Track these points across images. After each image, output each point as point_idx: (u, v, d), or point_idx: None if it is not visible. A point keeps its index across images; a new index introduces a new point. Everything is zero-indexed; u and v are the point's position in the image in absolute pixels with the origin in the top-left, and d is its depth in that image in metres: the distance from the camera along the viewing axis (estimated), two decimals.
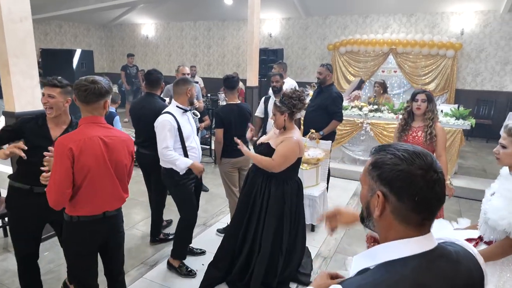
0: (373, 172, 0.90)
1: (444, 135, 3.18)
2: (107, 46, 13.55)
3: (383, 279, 0.83)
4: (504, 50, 8.18)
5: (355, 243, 3.79)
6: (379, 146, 0.94)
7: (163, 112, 2.89)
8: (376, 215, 0.90)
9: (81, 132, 1.92)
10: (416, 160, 0.85)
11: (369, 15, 9.28)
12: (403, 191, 0.85)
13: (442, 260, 0.87)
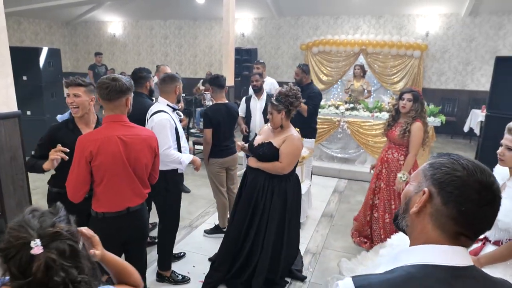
0: (427, 171, 0.87)
1: (418, 134, 3.26)
2: (70, 45, 12.96)
3: (400, 280, 0.80)
4: (466, 51, 8.66)
5: (340, 239, 3.87)
6: (444, 153, 0.90)
7: (155, 111, 2.76)
8: (413, 211, 0.86)
9: (101, 132, 2.01)
10: (478, 174, 0.81)
11: (340, 16, 9.51)
12: (452, 196, 0.81)
13: (472, 281, 0.80)
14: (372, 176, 3.69)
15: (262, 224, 2.79)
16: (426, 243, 0.84)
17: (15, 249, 0.86)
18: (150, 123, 2.75)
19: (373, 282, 0.82)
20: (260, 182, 2.77)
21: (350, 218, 4.15)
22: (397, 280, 0.80)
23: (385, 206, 3.51)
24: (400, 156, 3.43)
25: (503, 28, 8.34)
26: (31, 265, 0.85)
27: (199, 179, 5.47)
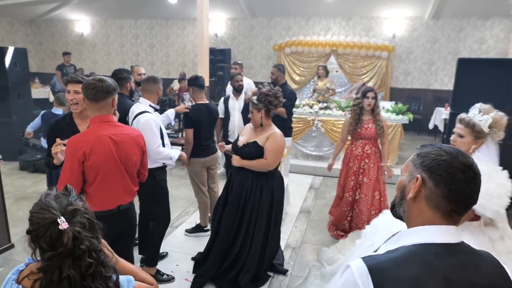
0: (416, 160, 0.99)
1: (387, 126, 3.77)
2: (34, 44, 12.44)
3: (404, 257, 0.91)
4: (430, 52, 9.12)
5: (318, 233, 4.00)
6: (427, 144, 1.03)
7: (139, 111, 2.77)
8: (410, 197, 0.97)
9: (91, 132, 2.02)
10: (460, 157, 0.94)
11: (311, 17, 9.72)
12: (442, 178, 0.93)
13: (463, 255, 0.93)
14: (349, 174, 3.84)
15: (251, 223, 2.85)
16: (423, 224, 0.96)
17: (44, 228, 1.02)
18: (136, 123, 2.76)
19: (381, 260, 0.93)
20: (248, 182, 2.82)
21: (327, 213, 4.30)
22: (402, 257, 0.92)
23: (367, 200, 3.70)
24: (376, 149, 3.77)
25: (463, 31, 8.86)
26: (60, 238, 1.02)
27: (177, 179, 5.46)
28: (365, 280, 0.89)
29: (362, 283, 0.89)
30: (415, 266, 0.89)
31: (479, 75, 4.37)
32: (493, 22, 8.62)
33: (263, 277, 3.02)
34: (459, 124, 2.18)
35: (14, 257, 3.37)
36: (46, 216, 1.04)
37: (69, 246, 1.02)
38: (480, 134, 2.10)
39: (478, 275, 0.92)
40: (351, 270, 0.93)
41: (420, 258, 0.91)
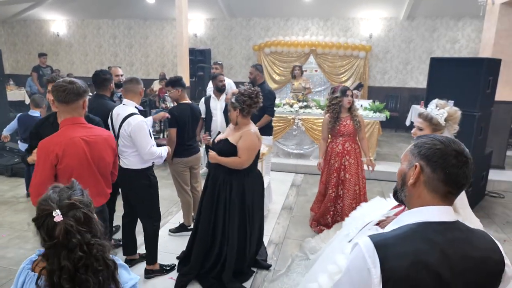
0: (414, 150, 1.12)
1: (364, 122, 3.95)
2: (8, 45, 12.09)
3: (406, 234, 1.04)
4: (405, 52, 9.40)
5: (300, 229, 4.10)
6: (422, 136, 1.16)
7: (128, 114, 2.78)
8: (410, 183, 1.10)
9: (63, 134, 1.99)
10: (452, 145, 1.07)
11: (289, 18, 9.85)
12: (438, 164, 1.05)
13: (458, 231, 1.06)
14: (331, 171, 3.94)
15: (225, 220, 2.91)
16: (422, 205, 1.08)
17: (42, 219, 1.12)
18: (126, 126, 2.76)
19: (386, 237, 1.04)
20: (220, 178, 2.90)
21: (308, 209, 4.40)
22: (404, 234, 1.04)
23: (349, 195, 3.86)
24: (356, 145, 3.93)
25: (436, 31, 9.17)
26: (54, 230, 1.10)
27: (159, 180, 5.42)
28: (371, 255, 1.00)
29: (369, 257, 1.00)
30: (416, 242, 1.01)
31: (451, 74, 4.56)
32: (465, 22, 8.97)
33: (246, 272, 3.09)
34: (419, 118, 2.38)
35: None
36: (46, 208, 1.13)
37: (61, 238, 1.08)
38: (437, 127, 2.29)
39: (472, 248, 1.04)
40: (359, 247, 1.03)
41: (420, 234, 1.03)
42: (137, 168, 2.89)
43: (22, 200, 4.75)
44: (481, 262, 1.04)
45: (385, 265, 0.98)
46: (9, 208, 4.50)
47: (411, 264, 0.98)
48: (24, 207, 4.51)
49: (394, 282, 0.98)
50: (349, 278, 1.07)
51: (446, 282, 0.98)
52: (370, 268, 0.99)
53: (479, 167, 4.71)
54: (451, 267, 0.99)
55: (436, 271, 0.98)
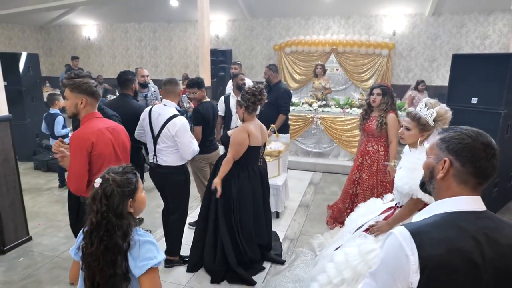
0: (442, 145, 1.15)
1: (395, 124, 3.59)
2: (44, 49, 12.81)
3: (439, 222, 1.08)
4: (431, 49, 9.20)
5: (316, 226, 4.16)
6: (446, 128, 1.20)
7: (173, 115, 2.98)
8: (440, 177, 1.14)
9: (91, 126, 2.24)
10: (480, 138, 1.10)
11: (310, 17, 9.87)
12: (467, 159, 1.09)
13: (488, 220, 1.10)
14: (352, 168, 3.98)
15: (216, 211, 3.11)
16: (451, 196, 1.13)
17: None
18: (171, 126, 2.93)
19: (420, 225, 1.09)
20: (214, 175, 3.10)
21: (325, 207, 4.46)
22: (437, 223, 1.09)
23: (365, 196, 3.77)
24: (380, 147, 3.73)
25: (464, 27, 8.91)
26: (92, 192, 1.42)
27: None
28: (408, 242, 1.03)
29: (406, 245, 1.03)
30: (449, 230, 1.06)
31: (474, 70, 4.44)
32: (496, 17, 8.66)
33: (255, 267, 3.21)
34: (406, 118, 2.32)
35: (32, 249, 3.61)
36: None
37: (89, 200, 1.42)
38: (425, 127, 2.22)
39: (502, 236, 1.08)
40: (395, 236, 1.07)
41: (453, 223, 1.07)
42: (177, 164, 3.09)
43: (56, 192, 5.10)
44: (510, 249, 1.07)
45: (422, 252, 1.01)
46: (45, 200, 4.85)
47: (446, 251, 1.01)
48: (57, 199, 4.85)
49: (430, 268, 1.00)
50: (386, 267, 1.08)
51: (479, 268, 1.02)
52: (409, 255, 1.01)
53: (506, 167, 4.57)
54: (483, 254, 1.03)
55: (469, 257, 1.01)
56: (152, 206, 4.50)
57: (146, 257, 1.40)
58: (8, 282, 3.06)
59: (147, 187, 5.22)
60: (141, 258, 1.40)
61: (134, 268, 1.39)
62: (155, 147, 3.06)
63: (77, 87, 2.26)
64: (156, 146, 3.05)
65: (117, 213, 1.40)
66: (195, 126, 3.66)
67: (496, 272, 1.05)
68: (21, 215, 3.65)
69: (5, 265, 3.30)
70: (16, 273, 3.16)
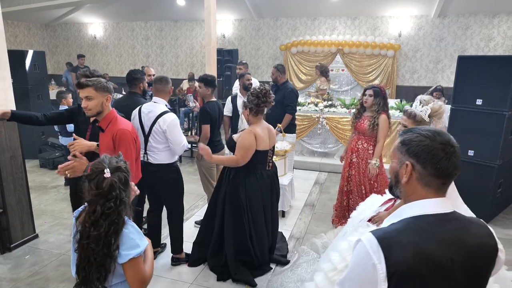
0: (402, 148, 1.13)
1: (385, 125, 3.69)
2: (50, 47, 12.87)
3: (405, 227, 1.06)
4: (436, 50, 9.19)
5: (321, 225, 4.18)
6: (406, 129, 1.19)
7: (162, 111, 3.01)
8: (404, 181, 1.12)
9: (127, 123, 2.48)
10: (437, 137, 1.08)
11: (317, 17, 9.87)
12: (427, 160, 1.07)
13: (455, 221, 1.09)
14: (344, 165, 4.04)
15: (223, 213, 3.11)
16: (418, 199, 1.11)
17: (95, 174, 1.51)
18: (162, 122, 2.96)
19: (387, 231, 1.07)
20: (226, 173, 3.11)
21: (331, 206, 4.48)
22: (403, 227, 1.07)
23: (358, 192, 3.88)
24: (369, 146, 3.84)
25: (469, 29, 8.90)
26: (102, 183, 1.49)
27: (186, 175, 5.69)
28: (375, 250, 1.01)
29: (373, 252, 1.01)
30: (414, 234, 1.04)
31: (479, 72, 4.46)
32: (501, 19, 8.64)
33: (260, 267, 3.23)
34: (403, 115, 2.41)
35: (38, 246, 3.65)
36: (99, 167, 1.52)
37: (105, 190, 1.49)
38: (421, 123, 2.30)
39: (469, 236, 1.08)
40: (362, 243, 1.05)
41: (419, 226, 1.06)
42: (167, 162, 3.09)
43: (62, 190, 5.14)
44: (478, 248, 1.08)
45: (389, 260, 0.99)
46: (51, 198, 4.89)
47: (413, 256, 0.99)
48: (63, 197, 4.88)
49: (398, 275, 0.98)
50: (354, 275, 1.07)
51: (448, 270, 1.02)
52: (376, 263, 0.99)
53: (510, 168, 4.59)
54: (451, 256, 1.02)
55: (437, 261, 1.00)
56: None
57: (129, 246, 1.51)
58: (15, 280, 3.08)
59: None
60: (125, 246, 1.51)
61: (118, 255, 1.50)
62: (146, 144, 3.06)
63: (102, 87, 2.36)
64: (147, 144, 3.06)
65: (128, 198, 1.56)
66: (203, 125, 3.67)
67: (466, 273, 1.04)
68: (27, 212, 3.66)
69: (11, 263, 3.33)
70: (22, 271, 3.19)
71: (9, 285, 3.01)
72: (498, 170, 4.29)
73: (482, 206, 4.32)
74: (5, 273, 3.18)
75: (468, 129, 4.44)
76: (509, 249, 3.69)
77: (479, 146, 4.37)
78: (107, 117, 2.42)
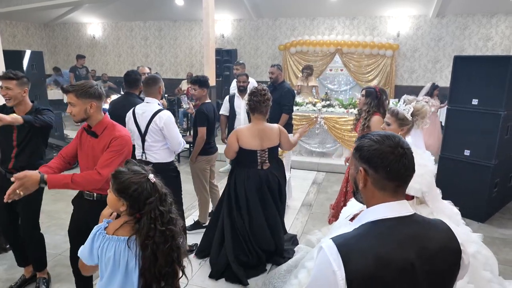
0: (356, 154, 1.14)
1: (376, 127, 3.59)
2: (49, 47, 12.86)
3: (363, 232, 1.06)
4: (434, 50, 9.21)
5: (318, 224, 4.19)
6: (361, 135, 1.19)
7: (157, 110, 3.05)
8: (361, 186, 1.13)
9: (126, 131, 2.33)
10: (386, 141, 1.08)
11: (315, 17, 9.89)
12: (378, 165, 1.07)
13: (414, 224, 1.08)
14: (348, 167, 4.03)
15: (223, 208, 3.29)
16: (377, 203, 1.11)
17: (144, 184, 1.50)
18: (158, 120, 3.00)
19: (347, 237, 1.06)
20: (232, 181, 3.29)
21: (328, 206, 4.49)
22: (362, 233, 1.07)
23: None
24: None
25: (468, 28, 8.92)
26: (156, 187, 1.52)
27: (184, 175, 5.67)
28: (335, 256, 1.00)
29: (333, 260, 1.00)
30: (373, 239, 1.03)
31: (475, 72, 4.48)
32: (499, 19, 8.67)
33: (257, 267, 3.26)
34: (387, 114, 2.48)
35: None
36: (142, 176, 1.51)
37: (160, 192, 1.52)
38: (403, 122, 2.36)
39: (429, 240, 1.07)
40: (324, 251, 1.04)
41: (377, 231, 1.06)
42: (166, 161, 3.14)
43: (59, 191, 5.13)
44: (439, 252, 1.07)
45: (348, 266, 0.98)
46: (48, 198, 4.86)
47: (373, 262, 0.99)
48: (61, 197, 4.88)
49: (358, 282, 0.98)
50: (316, 283, 1.06)
51: (409, 275, 1.01)
52: (335, 270, 0.99)
53: (506, 168, 4.61)
54: (411, 261, 1.01)
55: (397, 265, 1.00)
56: None
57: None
58: (10, 280, 3.06)
59: None
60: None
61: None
62: (143, 144, 3.09)
63: (84, 93, 2.15)
64: (144, 143, 3.09)
65: None
66: (199, 127, 3.63)
67: (427, 276, 1.04)
68: None
69: (7, 263, 3.31)
70: (18, 271, 3.15)
71: (5, 286, 3.00)
72: (494, 170, 4.31)
73: (478, 205, 4.34)
74: (1, 274, 3.17)
75: (464, 128, 4.46)
76: (505, 249, 3.72)
77: (475, 146, 4.39)
78: (102, 123, 2.25)
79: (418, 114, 2.34)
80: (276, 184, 3.27)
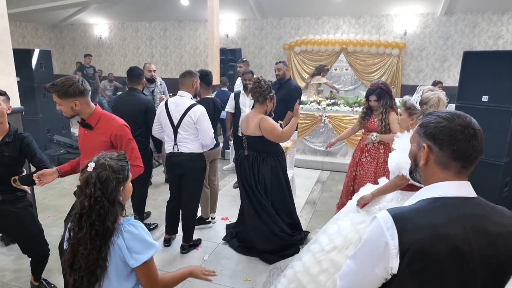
0: (420, 131, 1.11)
1: (395, 122, 3.54)
2: (57, 47, 12.99)
3: (424, 208, 1.04)
4: (442, 48, 9.07)
5: (322, 222, 4.10)
6: (427, 113, 1.17)
7: (191, 104, 3.10)
8: (422, 163, 1.10)
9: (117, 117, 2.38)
10: (456, 119, 1.05)
11: (320, 16, 9.82)
12: (444, 142, 1.05)
13: (477, 207, 1.05)
14: (351, 164, 3.95)
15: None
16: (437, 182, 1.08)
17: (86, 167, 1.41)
18: (193, 114, 3.07)
19: (404, 210, 1.05)
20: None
21: (332, 204, 4.42)
22: (422, 208, 1.05)
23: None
24: (380, 145, 3.72)
25: (477, 26, 8.77)
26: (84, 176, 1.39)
27: None
28: (390, 226, 1.00)
29: (387, 229, 1.00)
30: (433, 215, 1.02)
31: (485, 68, 4.37)
32: (510, 16, 8.50)
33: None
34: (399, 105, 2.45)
35: None
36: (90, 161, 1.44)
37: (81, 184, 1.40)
38: (412, 111, 2.32)
39: (490, 223, 1.03)
40: (377, 220, 1.04)
41: (438, 208, 1.03)
42: (199, 152, 3.21)
43: (66, 186, 5.15)
44: (500, 237, 1.03)
45: (403, 237, 0.98)
46: (55, 193, 4.92)
47: (430, 237, 0.98)
48: (67, 192, 4.91)
49: (411, 254, 0.98)
50: (367, 249, 1.07)
51: (465, 256, 0.99)
52: (388, 240, 0.99)
53: None
54: (470, 241, 0.99)
55: (454, 244, 0.98)
56: (160, 201, 4.53)
57: (140, 250, 1.39)
58: (18, 270, 3.16)
59: (156, 182, 5.28)
60: (136, 250, 1.39)
61: (130, 259, 1.38)
62: (175, 136, 3.14)
63: (64, 93, 2.12)
64: (177, 136, 3.14)
65: (110, 199, 1.38)
66: None
67: (484, 260, 1.01)
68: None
69: (15, 254, 3.38)
70: (26, 262, 3.16)
71: (12, 275, 3.10)
72: (505, 168, 4.19)
73: None
74: (9, 264, 3.27)
75: None
76: None
77: (485, 144, 4.08)
78: (94, 114, 2.26)
79: (427, 103, 2.27)
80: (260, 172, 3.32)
